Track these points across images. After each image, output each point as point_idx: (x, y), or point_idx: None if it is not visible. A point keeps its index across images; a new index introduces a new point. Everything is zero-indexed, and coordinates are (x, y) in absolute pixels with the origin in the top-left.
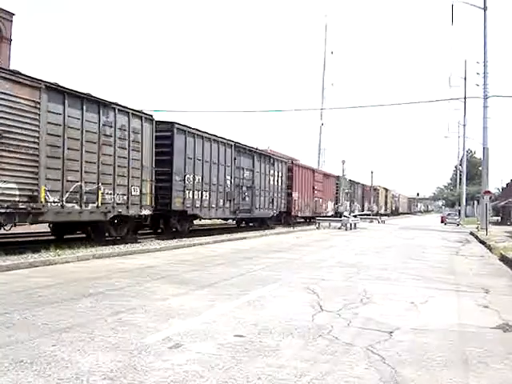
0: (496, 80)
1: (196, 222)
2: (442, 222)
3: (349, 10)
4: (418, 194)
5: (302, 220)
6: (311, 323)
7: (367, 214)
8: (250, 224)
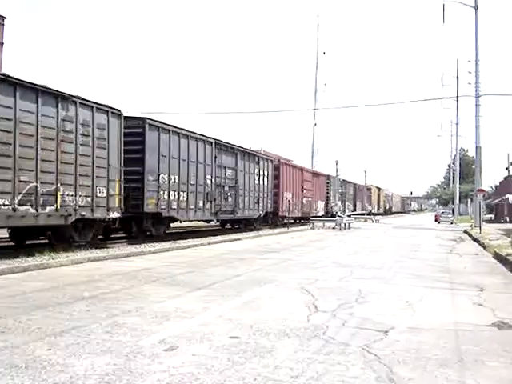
0: (488, 79)
1: (177, 224)
2: (435, 221)
3: (341, 10)
4: (411, 193)
5: (292, 221)
6: (307, 324)
7: (361, 214)
8: (236, 226)
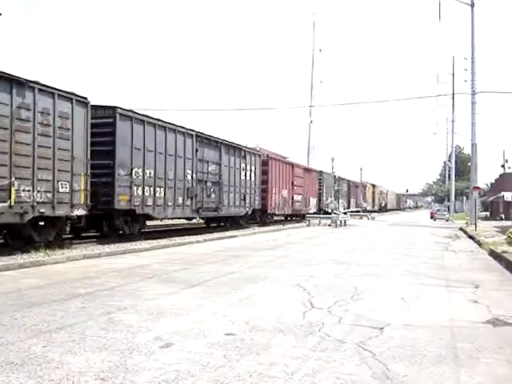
0: (484, 76)
1: (156, 222)
2: (431, 218)
3: (337, 8)
4: (407, 191)
5: (282, 218)
6: (302, 320)
7: (356, 211)
8: (222, 224)
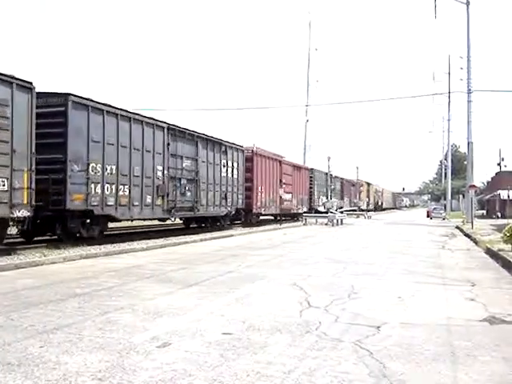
0: (480, 74)
1: (127, 224)
2: (427, 217)
3: (333, 6)
4: (403, 189)
5: (272, 218)
6: (299, 319)
7: (352, 210)
8: (203, 225)
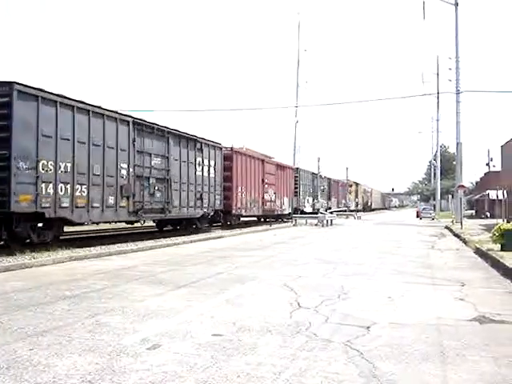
0: (468, 75)
1: (93, 227)
2: (417, 217)
3: (322, 8)
4: (393, 190)
5: (254, 218)
6: (289, 320)
7: (342, 210)
8: (178, 227)
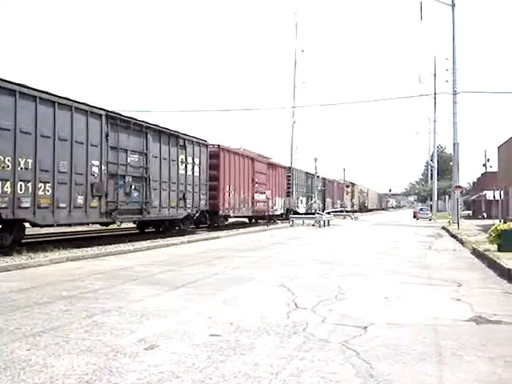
0: (465, 76)
1: (59, 229)
2: (414, 218)
3: (319, 8)
4: (390, 190)
5: (245, 219)
6: (286, 320)
7: (340, 211)
8: (161, 229)
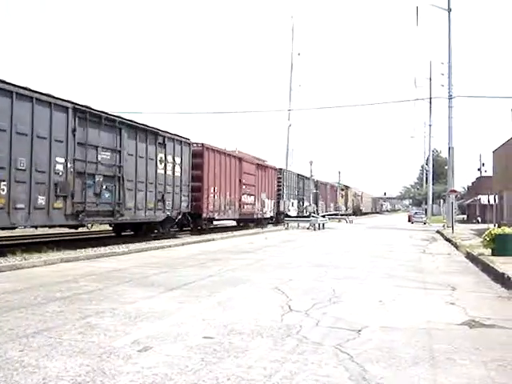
0: (461, 80)
1: (20, 231)
2: (409, 221)
3: (316, 12)
4: (385, 194)
5: (234, 224)
6: (280, 323)
7: (334, 214)
8: (139, 232)
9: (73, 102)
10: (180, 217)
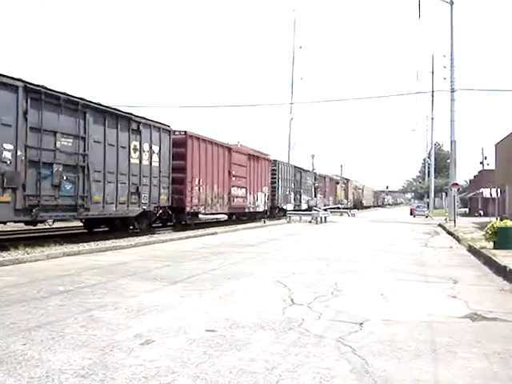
0: (463, 73)
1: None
2: (411, 215)
3: (317, 5)
4: (387, 187)
5: (221, 217)
6: (282, 316)
7: (337, 208)
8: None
9: (24, 81)
10: (160, 211)
